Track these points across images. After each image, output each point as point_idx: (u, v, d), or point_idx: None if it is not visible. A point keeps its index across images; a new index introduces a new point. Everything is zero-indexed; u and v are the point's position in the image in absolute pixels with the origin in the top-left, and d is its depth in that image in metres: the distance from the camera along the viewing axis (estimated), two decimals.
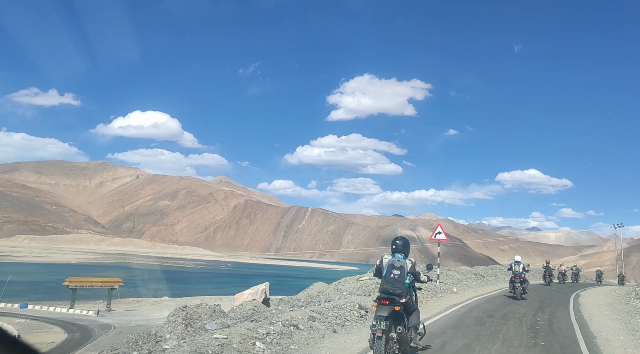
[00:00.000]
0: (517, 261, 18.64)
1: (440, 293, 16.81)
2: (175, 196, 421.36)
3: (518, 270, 18.01)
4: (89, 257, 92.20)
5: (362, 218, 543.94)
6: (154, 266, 61.43)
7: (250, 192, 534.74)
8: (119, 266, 57.32)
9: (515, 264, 18.47)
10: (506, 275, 28.25)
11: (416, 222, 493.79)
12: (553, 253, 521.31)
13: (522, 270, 18.11)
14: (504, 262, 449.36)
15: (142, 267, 58.12)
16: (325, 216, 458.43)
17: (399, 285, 6.47)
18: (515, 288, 17.66)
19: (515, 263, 18.53)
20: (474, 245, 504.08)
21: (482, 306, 14.19)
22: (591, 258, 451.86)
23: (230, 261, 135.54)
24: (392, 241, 7.11)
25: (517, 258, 18.86)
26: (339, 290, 17.02)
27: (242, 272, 70.19)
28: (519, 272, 17.94)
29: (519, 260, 18.72)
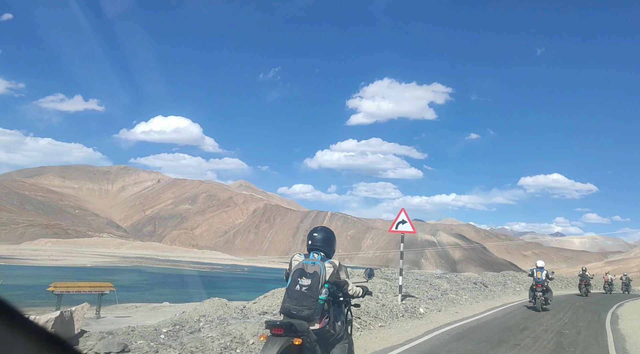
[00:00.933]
0: (540, 267, 16.85)
1: (397, 317, 11.10)
2: (195, 200, 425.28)
3: (540, 277, 16.21)
4: (106, 260, 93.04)
5: (382, 223, 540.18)
6: (167, 270, 61.50)
7: (270, 196, 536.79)
8: (132, 270, 57.48)
9: (537, 270, 16.65)
10: (520, 284, 26.32)
11: (437, 227, 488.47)
12: (578, 259, 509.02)
13: (544, 277, 16.28)
14: (526, 267, 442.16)
15: (156, 270, 58.18)
16: (345, 220, 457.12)
17: (307, 301, 4.18)
18: (535, 297, 15.81)
19: (537, 269, 16.70)
20: (496, 250, 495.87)
21: (449, 345, 8.42)
22: (617, 264, 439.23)
23: (247, 265, 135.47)
24: (309, 233, 5.05)
25: (539, 263, 17.24)
26: (247, 310, 10.88)
27: (257, 276, 69.65)
28: (541, 279, 16.14)
29: (541, 266, 16.97)
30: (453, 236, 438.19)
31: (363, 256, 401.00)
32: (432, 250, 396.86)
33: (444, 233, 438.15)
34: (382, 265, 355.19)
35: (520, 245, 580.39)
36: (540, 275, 16.37)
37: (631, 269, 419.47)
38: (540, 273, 16.48)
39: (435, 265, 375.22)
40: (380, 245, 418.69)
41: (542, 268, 16.79)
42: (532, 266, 17.58)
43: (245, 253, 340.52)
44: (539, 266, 17.04)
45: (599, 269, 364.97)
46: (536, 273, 16.58)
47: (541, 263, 17.35)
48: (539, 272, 16.55)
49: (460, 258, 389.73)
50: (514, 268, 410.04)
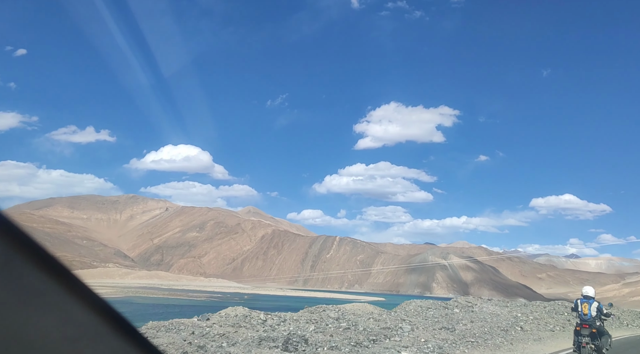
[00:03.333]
0: (587, 296, 11.42)
1: None
2: (203, 227, 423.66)
3: (588, 314, 11.08)
4: (106, 291, 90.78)
5: (392, 247, 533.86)
6: (161, 300, 59.19)
7: (279, 222, 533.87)
8: (122, 301, 55.29)
9: (584, 302, 11.37)
10: (541, 324, 21.73)
11: (448, 250, 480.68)
12: (594, 281, 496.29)
13: (595, 313, 11.09)
14: (541, 291, 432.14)
15: (148, 301, 55.95)
16: (354, 245, 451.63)
17: None
18: (580, 345, 10.95)
19: (584, 299, 11.39)
20: (510, 273, 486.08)
21: None
22: (635, 286, 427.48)
23: (250, 293, 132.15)
24: None
25: (587, 290, 11.69)
26: None
27: (253, 304, 66.81)
28: (589, 317, 11.04)
29: (590, 295, 11.44)
30: (465, 259, 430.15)
31: (373, 281, 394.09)
32: (444, 274, 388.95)
33: (456, 256, 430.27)
34: (392, 291, 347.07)
35: (535, 267, 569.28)
36: (587, 310, 11.14)
37: None
38: (587, 307, 11.17)
39: (447, 289, 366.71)
40: (391, 269, 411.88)
41: (591, 299, 11.35)
42: (576, 295, 13.22)
43: (253, 281, 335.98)
44: (587, 295, 11.53)
45: (616, 291, 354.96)
46: (582, 306, 11.27)
47: (590, 290, 11.74)
48: (585, 304, 11.23)
49: (472, 281, 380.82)
50: (529, 291, 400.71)
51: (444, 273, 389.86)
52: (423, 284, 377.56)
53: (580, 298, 11.78)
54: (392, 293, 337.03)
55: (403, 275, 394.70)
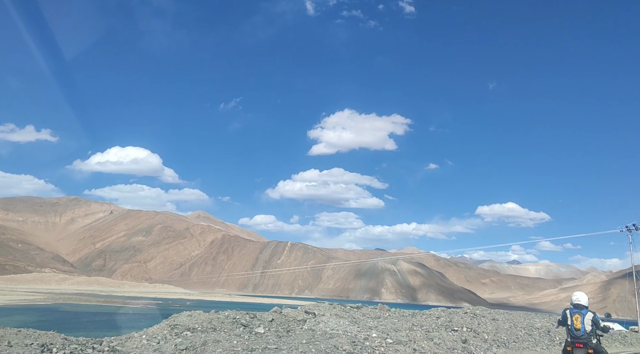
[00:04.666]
0: (579, 304, 8.94)
1: None
2: (150, 231, 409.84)
3: (581, 328, 8.63)
4: (37, 297, 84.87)
5: (343, 253, 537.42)
6: (93, 307, 55.58)
7: (229, 227, 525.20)
8: (46, 309, 51.32)
9: (575, 312, 8.87)
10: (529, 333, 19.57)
11: (397, 256, 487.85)
12: (534, 287, 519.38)
13: (591, 327, 8.65)
14: (485, 296, 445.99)
15: (78, 309, 52.28)
16: (305, 250, 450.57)
17: None
18: None
19: (575, 310, 8.91)
20: (456, 278, 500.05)
21: None
22: (571, 290, 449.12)
23: (196, 299, 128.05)
24: None
25: (577, 297, 9.15)
26: None
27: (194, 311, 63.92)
28: (583, 333, 8.60)
29: (582, 304, 8.96)
30: (413, 265, 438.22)
31: (323, 287, 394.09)
32: (393, 279, 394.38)
33: (405, 262, 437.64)
34: (342, 297, 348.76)
35: (479, 272, 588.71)
36: (580, 323, 8.59)
37: None
38: (580, 319, 8.65)
39: (395, 295, 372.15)
40: (341, 275, 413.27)
41: (584, 309, 8.83)
42: (517, 299, 11.25)
43: (201, 287, 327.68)
44: (578, 303, 8.93)
45: (554, 295, 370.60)
46: (572, 318, 8.76)
47: (582, 297, 9.09)
48: (577, 316, 8.69)
49: (419, 287, 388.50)
50: (473, 295, 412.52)
51: (393, 278, 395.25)
52: (372, 289, 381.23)
53: (570, 308, 8.96)
54: (341, 298, 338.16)
55: (353, 281, 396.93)
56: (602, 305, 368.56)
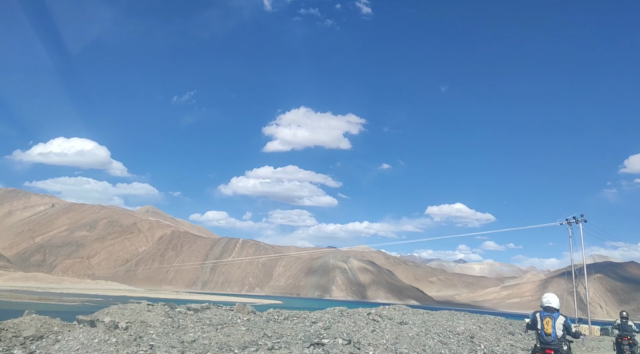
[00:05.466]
0: (550, 307, 8.22)
1: None
2: (94, 226, 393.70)
3: (552, 333, 7.91)
4: None
5: (295, 250, 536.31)
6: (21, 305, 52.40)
7: (179, 223, 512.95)
8: None
9: (546, 315, 8.12)
10: None
11: (349, 254, 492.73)
12: (478, 285, 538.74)
13: (562, 332, 7.95)
14: (432, 294, 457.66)
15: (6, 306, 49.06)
16: (257, 247, 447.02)
17: None
18: None
19: (545, 312, 8.18)
20: (405, 277, 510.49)
21: None
22: (512, 289, 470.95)
23: (140, 296, 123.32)
24: None
25: (547, 299, 8.37)
26: None
27: None
28: (554, 339, 7.89)
29: (553, 305, 8.24)
30: (364, 262, 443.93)
31: (274, 284, 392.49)
32: (344, 277, 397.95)
33: (355, 260, 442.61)
34: (292, 294, 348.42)
35: (428, 271, 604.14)
36: (551, 328, 7.88)
37: (524, 293, 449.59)
38: (551, 323, 7.92)
39: (346, 292, 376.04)
40: (292, 272, 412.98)
41: (555, 312, 8.10)
42: (462, 297, 10.50)
43: (148, 283, 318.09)
44: (549, 306, 8.21)
45: (496, 293, 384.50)
46: (543, 322, 8.01)
47: (553, 299, 8.30)
48: (548, 320, 7.97)
49: (369, 284, 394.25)
50: (421, 293, 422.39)
51: (344, 276, 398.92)
52: (323, 286, 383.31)
53: (540, 311, 8.16)
54: (292, 296, 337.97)
55: (304, 278, 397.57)
56: (540, 303, 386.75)
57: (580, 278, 28.27)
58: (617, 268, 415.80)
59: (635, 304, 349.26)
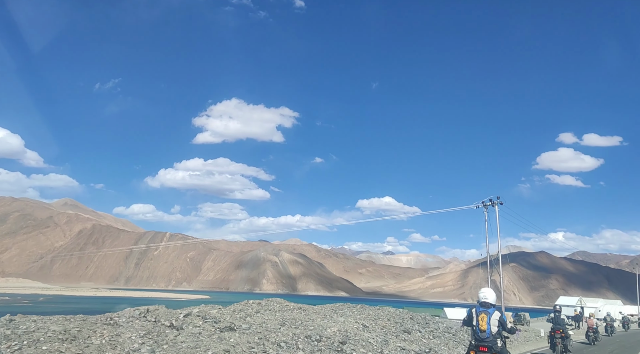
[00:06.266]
0: (486, 303, 7.73)
1: None
2: (4, 220, 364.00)
3: (487, 329, 7.51)
4: None
5: (225, 244, 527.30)
6: None
7: (102, 216, 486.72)
8: None
9: (481, 311, 7.67)
10: None
11: (280, 247, 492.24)
12: (404, 276, 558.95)
13: (497, 328, 7.55)
14: (361, 285, 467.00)
15: None
16: (185, 241, 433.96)
17: None
18: None
19: (481, 308, 7.71)
20: (335, 269, 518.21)
21: None
22: (436, 279, 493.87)
23: (53, 294, 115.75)
24: None
25: (484, 294, 7.79)
26: None
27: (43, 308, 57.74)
28: (488, 335, 7.53)
29: (489, 300, 7.77)
30: (295, 255, 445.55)
31: (203, 279, 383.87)
32: (274, 270, 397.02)
33: (286, 253, 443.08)
34: (222, 289, 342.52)
35: (357, 263, 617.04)
36: (486, 324, 7.44)
37: (447, 282, 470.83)
38: (486, 319, 7.48)
39: (276, 285, 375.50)
40: (222, 266, 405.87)
41: (491, 308, 7.65)
42: (390, 288, 11.26)
43: (65, 280, 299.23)
44: (485, 301, 7.73)
45: (421, 283, 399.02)
46: (478, 317, 7.57)
47: (489, 294, 7.79)
48: (483, 316, 7.52)
49: (300, 277, 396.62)
50: (350, 284, 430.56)
51: (275, 269, 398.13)
52: (253, 280, 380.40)
53: (476, 306, 7.71)
54: (221, 290, 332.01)
55: (234, 272, 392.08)
56: (461, 291, 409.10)
57: (496, 267, 29.17)
58: (529, 258, 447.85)
59: (544, 290, 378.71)
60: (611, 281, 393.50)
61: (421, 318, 19.68)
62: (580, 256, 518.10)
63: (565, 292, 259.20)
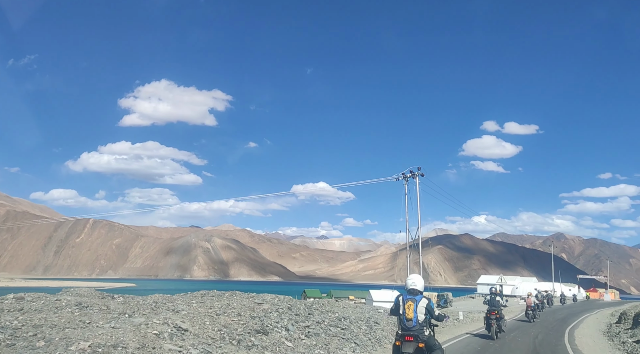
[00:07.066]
0: (414, 290, 7.22)
1: None
2: None
3: (413, 318, 6.97)
4: None
5: (154, 230, 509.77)
6: None
7: (17, 202, 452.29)
8: None
9: (408, 298, 7.14)
10: None
11: (212, 233, 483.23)
12: (337, 259, 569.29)
13: (425, 316, 7.02)
14: (294, 269, 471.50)
15: None
16: (110, 228, 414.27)
17: None
18: None
19: (408, 295, 7.16)
20: (269, 254, 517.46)
21: None
22: (367, 262, 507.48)
23: None
24: None
25: (412, 281, 7.25)
26: None
27: None
28: (415, 324, 6.98)
29: (417, 287, 7.26)
30: (227, 241, 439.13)
31: (130, 266, 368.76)
32: (206, 256, 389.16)
33: (219, 239, 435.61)
34: (150, 276, 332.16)
35: (291, 247, 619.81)
36: (413, 312, 6.94)
37: (377, 265, 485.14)
38: (412, 308, 6.97)
39: (208, 271, 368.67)
40: (151, 253, 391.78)
41: (419, 295, 7.17)
42: (323, 271, 9.92)
43: None
44: (413, 288, 7.23)
45: (353, 267, 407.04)
46: (405, 306, 7.02)
47: (417, 280, 7.34)
48: (410, 304, 6.99)
49: (232, 263, 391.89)
50: (283, 269, 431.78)
51: (206, 255, 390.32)
52: (184, 266, 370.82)
53: (403, 294, 7.20)
54: (150, 277, 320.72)
55: (163, 259, 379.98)
56: (390, 273, 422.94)
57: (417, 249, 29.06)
58: (454, 240, 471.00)
59: (467, 271, 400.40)
60: (526, 260, 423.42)
61: (306, 307, 15.73)
62: (500, 237, 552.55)
63: (486, 271, 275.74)
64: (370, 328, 14.65)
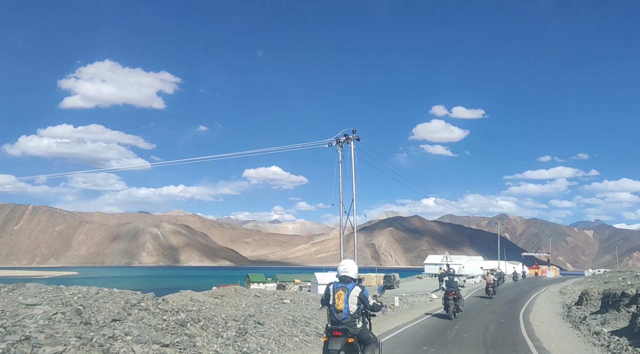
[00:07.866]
0: (346, 277, 6.25)
1: None
2: None
3: (343, 309, 5.97)
4: None
5: (100, 216, 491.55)
6: None
7: None
8: None
9: (339, 286, 6.21)
10: None
11: (162, 218, 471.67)
12: (290, 243, 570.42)
13: (357, 306, 6.06)
14: (246, 254, 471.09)
15: None
16: (52, 214, 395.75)
17: None
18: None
19: (339, 283, 6.22)
20: (220, 239, 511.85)
21: None
22: (320, 245, 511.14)
23: None
24: None
25: (344, 267, 6.28)
26: None
27: None
28: (345, 316, 5.95)
29: (349, 274, 6.29)
30: (177, 226, 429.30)
31: (74, 254, 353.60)
32: (155, 242, 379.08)
33: (168, 224, 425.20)
34: (96, 263, 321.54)
35: (243, 232, 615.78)
36: (343, 302, 6.03)
37: (330, 248, 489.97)
38: (343, 297, 6.06)
39: (157, 257, 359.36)
40: (96, 240, 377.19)
41: (351, 282, 6.24)
42: (276, 255, 7.21)
43: None
44: (345, 275, 6.30)
45: (306, 250, 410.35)
46: (335, 295, 6.09)
47: (350, 266, 6.38)
48: (341, 293, 6.06)
49: (182, 248, 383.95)
50: (235, 253, 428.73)
51: (155, 241, 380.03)
52: (131, 253, 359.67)
53: (334, 282, 6.24)
54: (95, 265, 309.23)
55: (109, 245, 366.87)
56: (343, 256, 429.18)
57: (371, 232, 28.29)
58: (404, 221, 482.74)
59: (416, 251, 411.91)
60: (472, 240, 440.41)
61: (110, 312, 9.35)
62: (447, 219, 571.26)
63: (435, 252, 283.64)
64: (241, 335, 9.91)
